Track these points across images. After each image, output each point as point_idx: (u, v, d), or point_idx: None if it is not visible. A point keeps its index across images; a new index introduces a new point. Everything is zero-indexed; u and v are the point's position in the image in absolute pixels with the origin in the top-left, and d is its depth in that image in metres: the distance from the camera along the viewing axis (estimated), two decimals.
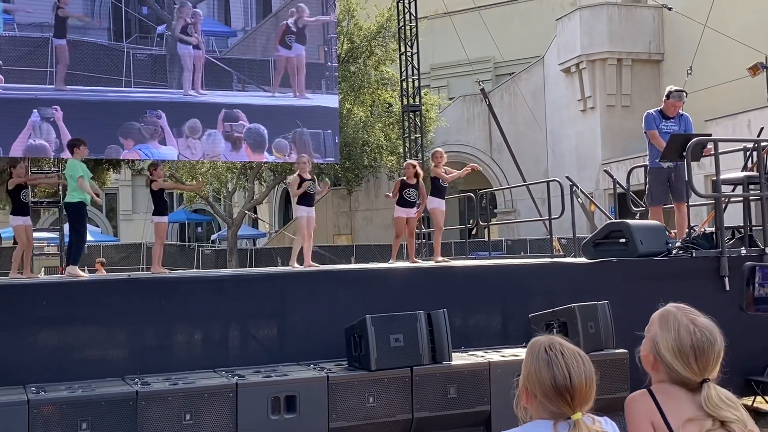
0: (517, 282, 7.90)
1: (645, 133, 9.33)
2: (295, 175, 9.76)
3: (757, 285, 2.89)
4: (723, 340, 2.43)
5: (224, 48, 14.02)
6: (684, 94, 9.29)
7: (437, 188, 10.12)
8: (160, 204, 9.92)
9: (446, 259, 10.33)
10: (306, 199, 9.56)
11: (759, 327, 7.56)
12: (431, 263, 9.58)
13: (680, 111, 9.25)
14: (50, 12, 12.75)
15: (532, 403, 2.37)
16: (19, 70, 12.57)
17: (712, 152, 8.48)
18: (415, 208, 10.17)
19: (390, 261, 10.32)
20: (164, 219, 10.03)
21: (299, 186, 9.47)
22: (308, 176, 9.63)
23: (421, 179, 10.21)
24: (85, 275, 8.10)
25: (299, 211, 9.56)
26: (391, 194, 10.38)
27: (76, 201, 8.50)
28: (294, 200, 9.60)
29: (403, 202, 10.10)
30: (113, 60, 13.19)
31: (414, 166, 10.16)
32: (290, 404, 5.69)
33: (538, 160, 30.75)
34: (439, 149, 10.52)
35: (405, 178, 10.14)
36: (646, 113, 9.41)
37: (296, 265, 9.39)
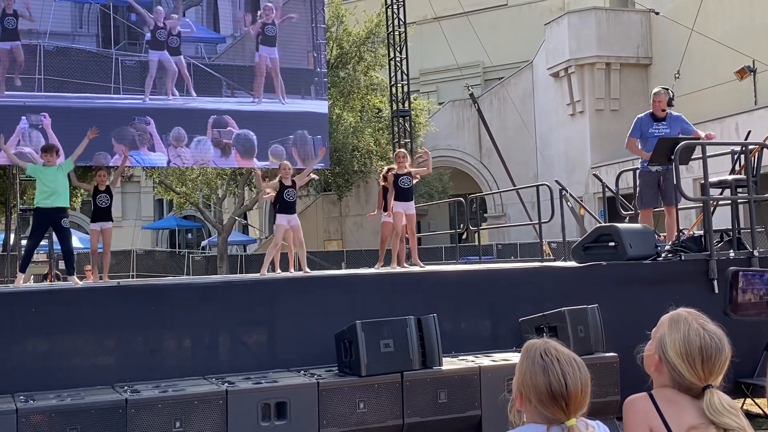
0: (507, 286, 7.90)
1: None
2: (275, 180, 9.68)
3: (740, 290, 2.89)
4: (731, 349, 2.41)
5: (213, 54, 14.01)
6: (665, 90, 9.26)
7: (396, 192, 9.83)
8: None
9: (419, 264, 10.14)
10: (285, 207, 9.47)
11: (749, 329, 7.58)
12: (418, 269, 9.54)
13: (672, 112, 9.24)
14: (38, 17, 12.73)
15: (526, 408, 2.35)
16: (8, 77, 12.53)
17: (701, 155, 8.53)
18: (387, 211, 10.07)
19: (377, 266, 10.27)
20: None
21: (279, 191, 9.41)
22: (289, 182, 9.52)
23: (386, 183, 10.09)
24: (79, 283, 8.12)
25: (277, 219, 9.51)
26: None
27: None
28: (274, 206, 9.58)
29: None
30: (102, 66, 13.17)
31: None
32: (281, 411, 5.67)
33: (527, 165, 30.81)
34: (401, 150, 10.41)
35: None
36: (636, 117, 9.43)
37: (266, 272, 9.30)
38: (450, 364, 6.46)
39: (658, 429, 2.36)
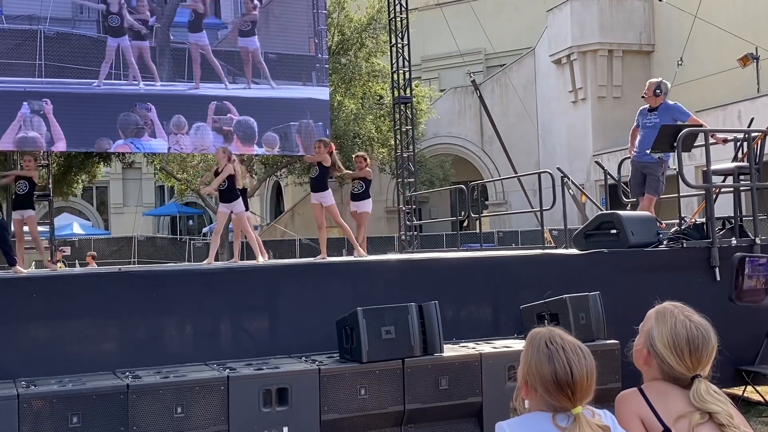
0: (508, 274, 7.89)
1: None
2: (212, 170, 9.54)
3: (746, 276, 2.91)
4: (717, 339, 2.45)
5: (214, 40, 13.96)
6: (654, 81, 9.43)
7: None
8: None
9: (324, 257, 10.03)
10: (224, 195, 9.31)
11: (750, 317, 7.58)
12: (420, 255, 9.54)
13: (668, 101, 9.32)
14: (39, 2, 12.69)
15: (531, 396, 2.35)
16: (8, 62, 12.51)
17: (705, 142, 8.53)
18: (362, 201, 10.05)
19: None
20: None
21: (215, 182, 9.28)
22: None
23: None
24: (24, 272, 8.00)
25: (219, 207, 9.43)
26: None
27: None
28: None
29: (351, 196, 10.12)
30: (102, 52, 13.13)
31: (365, 159, 10.08)
32: (282, 397, 5.67)
33: (529, 152, 30.77)
34: (324, 138, 10.39)
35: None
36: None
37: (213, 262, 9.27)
38: (451, 350, 6.46)
39: (649, 419, 2.40)
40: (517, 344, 6.50)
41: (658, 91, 9.22)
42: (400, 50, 20.52)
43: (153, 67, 13.23)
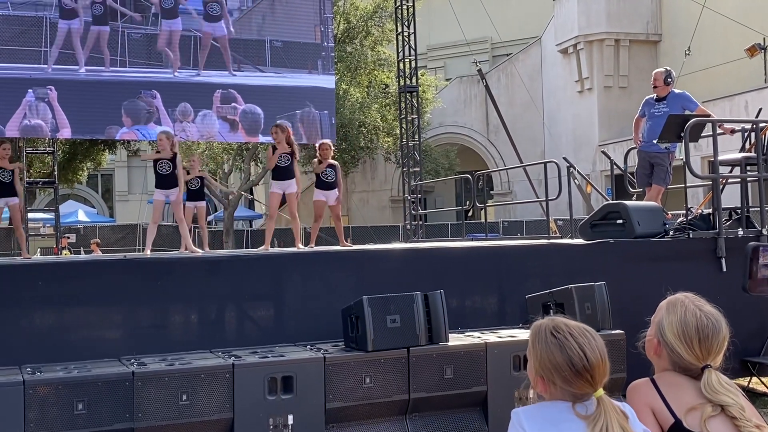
0: (513, 263, 7.88)
1: None
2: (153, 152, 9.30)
3: (760, 266, 2.90)
4: (728, 330, 2.43)
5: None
6: (663, 70, 9.45)
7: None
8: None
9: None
10: (158, 180, 9.09)
11: (755, 308, 7.56)
12: (426, 244, 9.52)
13: (675, 90, 9.31)
14: None
15: (550, 391, 2.29)
16: (13, 49, 12.49)
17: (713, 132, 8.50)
18: (333, 190, 9.72)
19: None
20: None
21: (154, 163, 9.07)
22: (168, 154, 9.06)
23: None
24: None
25: (155, 194, 9.23)
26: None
27: None
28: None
29: (320, 184, 9.79)
30: (108, 39, 13.11)
31: (330, 147, 9.79)
32: (287, 385, 5.68)
33: (534, 142, 30.70)
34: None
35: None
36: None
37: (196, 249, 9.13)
38: (456, 340, 6.45)
39: (661, 410, 2.38)
40: (522, 334, 6.49)
41: (669, 79, 9.21)
42: (406, 39, 20.44)
43: (107, 53, 13.01)
